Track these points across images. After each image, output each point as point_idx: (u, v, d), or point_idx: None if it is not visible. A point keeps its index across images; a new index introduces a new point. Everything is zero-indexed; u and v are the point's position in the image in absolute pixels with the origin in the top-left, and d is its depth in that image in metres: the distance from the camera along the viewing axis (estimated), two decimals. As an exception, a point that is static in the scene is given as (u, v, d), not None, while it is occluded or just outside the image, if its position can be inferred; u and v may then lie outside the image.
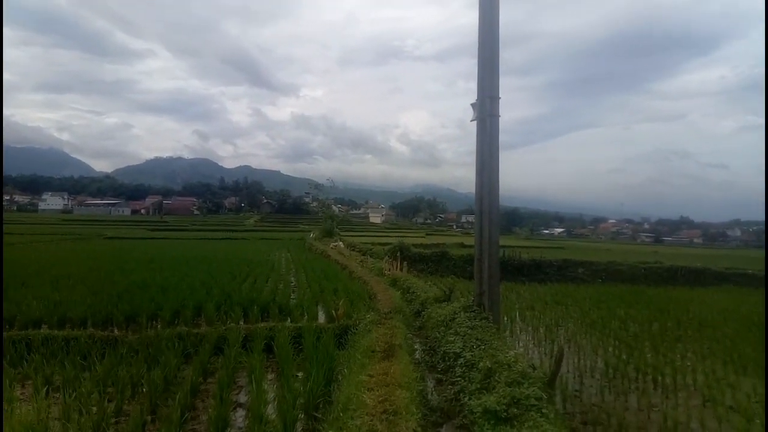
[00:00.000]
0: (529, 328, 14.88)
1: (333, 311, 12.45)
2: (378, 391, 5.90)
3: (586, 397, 9.11)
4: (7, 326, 11.13)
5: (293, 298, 16.13)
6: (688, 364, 11.43)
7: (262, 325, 10.85)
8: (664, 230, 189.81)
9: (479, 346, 8.05)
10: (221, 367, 8.26)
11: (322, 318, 13.51)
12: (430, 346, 10.46)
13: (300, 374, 8.49)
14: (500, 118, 10.36)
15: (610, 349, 12.57)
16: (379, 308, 12.24)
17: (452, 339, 9.02)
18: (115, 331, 10.76)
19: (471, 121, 10.76)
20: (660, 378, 10.14)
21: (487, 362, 6.93)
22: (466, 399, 6.71)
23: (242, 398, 7.64)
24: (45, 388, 7.27)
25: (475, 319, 9.63)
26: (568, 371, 10.67)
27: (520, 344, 12.91)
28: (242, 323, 12.15)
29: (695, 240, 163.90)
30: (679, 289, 26.41)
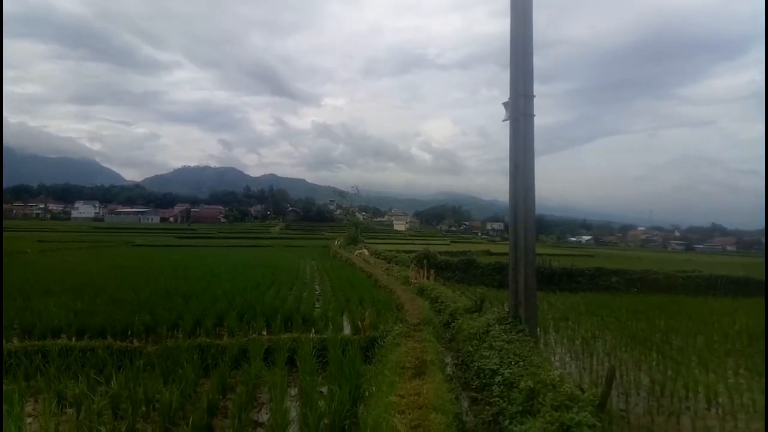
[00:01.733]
0: (565, 341, 14.10)
1: (359, 322, 11.90)
2: (410, 414, 5.33)
3: (634, 418, 8.36)
4: (25, 336, 10.92)
5: (317, 307, 15.66)
6: (742, 381, 10.53)
7: (285, 336, 10.38)
8: (696, 238, 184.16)
9: (518, 362, 7.41)
10: (241, 383, 7.79)
11: (347, 329, 12.99)
12: (462, 360, 9.85)
13: (324, 389, 7.97)
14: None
15: (654, 363, 11.73)
16: (408, 319, 11.65)
17: (487, 354, 8.39)
18: (135, 342, 10.43)
19: (503, 121, 10.16)
20: (713, 397, 9.29)
21: (529, 382, 6.29)
22: (506, 423, 6.10)
23: (263, 416, 7.15)
24: (57, 404, 6.89)
25: (511, 332, 8.98)
26: (611, 388, 9.92)
27: (556, 357, 12.18)
28: (265, 334, 11.72)
29: (729, 247, 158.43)
30: (721, 299, 25.07)
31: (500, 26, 10.26)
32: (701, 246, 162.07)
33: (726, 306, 22.10)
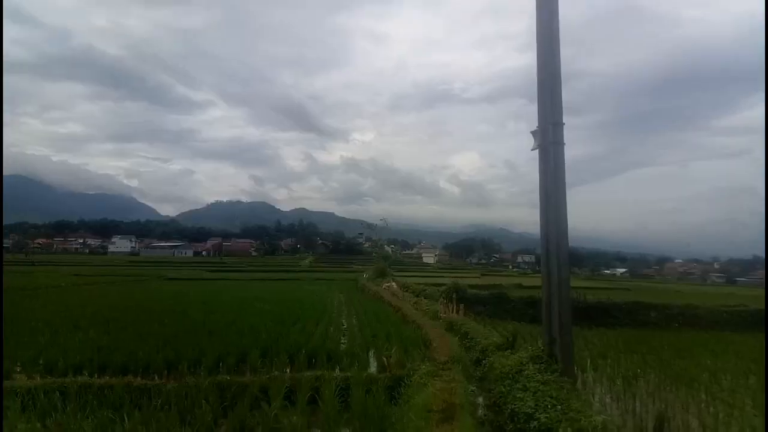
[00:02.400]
0: (604, 380, 13.29)
1: (385, 359, 11.44)
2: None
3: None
4: (48, 372, 10.83)
5: (344, 343, 15.27)
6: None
7: (308, 374, 10.00)
8: (737, 270, 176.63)
9: (554, 405, 6.85)
10: (258, 425, 7.42)
11: (373, 366, 12.54)
12: (494, 402, 9.26)
13: (347, 431, 7.56)
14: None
15: (704, 406, 10.87)
16: (436, 357, 11.14)
17: (521, 396, 7.82)
18: (155, 379, 10.20)
19: (532, 150, 9.81)
20: (773, 443, 8.44)
21: (569, 429, 5.77)
22: (543, 475, 5.57)
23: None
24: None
25: (546, 372, 8.40)
26: (656, 433, 9.16)
27: (596, 398, 11.44)
28: (288, 371, 11.39)
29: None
30: (770, 335, 23.59)
31: (525, 61, 10.17)
32: (743, 279, 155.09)
33: (776, 343, 20.76)
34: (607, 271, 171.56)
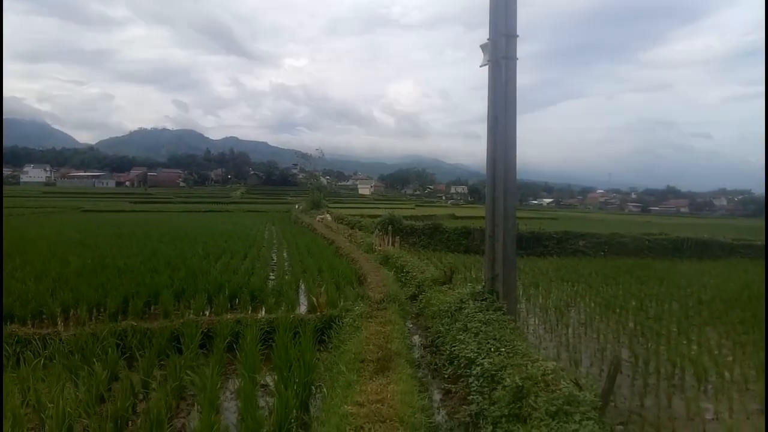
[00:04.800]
0: (537, 310, 13.22)
1: (314, 299, 10.55)
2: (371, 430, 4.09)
3: (621, 401, 7.41)
4: None
5: (272, 279, 14.26)
6: (727, 353, 9.81)
7: (228, 317, 8.97)
8: (651, 200, 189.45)
9: (498, 349, 6.26)
10: (161, 381, 6.38)
11: (303, 305, 11.67)
12: (431, 341, 8.68)
13: (270, 381, 6.72)
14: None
15: (633, 335, 10.92)
16: (370, 294, 10.38)
17: (462, 337, 7.20)
18: (49, 327, 8.83)
19: (481, 66, 8.76)
20: (703, 373, 8.43)
21: (516, 377, 5.14)
22: (489, 429, 4.95)
23: (193, 421, 5.82)
24: None
25: (488, 310, 7.81)
26: (591, 364, 9.00)
27: (530, 330, 11.24)
28: (207, 313, 10.32)
29: (682, 209, 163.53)
30: (687, 262, 24.90)
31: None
32: (656, 208, 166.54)
33: (693, 269, 21.83)
34: (535, 201, 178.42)
